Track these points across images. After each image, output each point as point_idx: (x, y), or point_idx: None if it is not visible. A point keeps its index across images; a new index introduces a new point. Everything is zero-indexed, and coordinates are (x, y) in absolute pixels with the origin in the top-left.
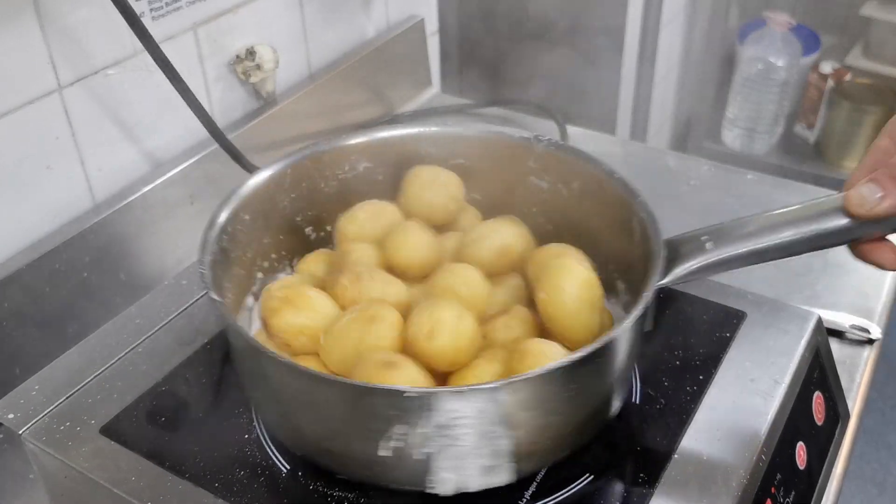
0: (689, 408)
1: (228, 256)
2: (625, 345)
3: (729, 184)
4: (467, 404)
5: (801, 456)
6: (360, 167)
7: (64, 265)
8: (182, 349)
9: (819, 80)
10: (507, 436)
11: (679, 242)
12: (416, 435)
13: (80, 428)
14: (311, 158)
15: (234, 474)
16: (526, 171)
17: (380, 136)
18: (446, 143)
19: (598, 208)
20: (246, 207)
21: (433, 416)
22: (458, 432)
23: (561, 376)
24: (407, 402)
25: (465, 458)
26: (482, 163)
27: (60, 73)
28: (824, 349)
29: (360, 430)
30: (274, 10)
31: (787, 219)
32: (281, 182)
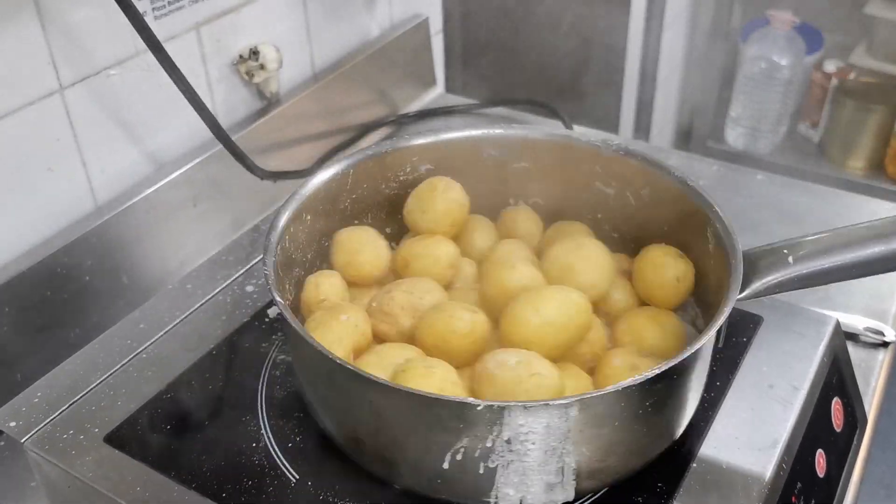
0: (708, 415)
1: (290, 258)
2: (697, 363)
3: (738, 184)
4: (535, 419)
5: (820, 463)
6: (422, 169)
7: (65, 268)
8: (187, 355)
9: (822, 79)
10: (573, 453)
11: (757, 255)
12: (480, 448)
13: (83, 436)
14: (374, 159)
15: (242, 483)
16: (592, 176)
17: (442, 139)
18: (510, 146)
19: (667, 217)
20: (307, 208)
21: (499, 429)
22: (523, 447)
23: (634, 394)
24: (473, 415)
25: (528, 473)
26: (547, 166)
27: (62, 73)
28: (842, 354)
29: (423, 440)
30: (277, 9)
31: (872, 234)
32: (343, 183)
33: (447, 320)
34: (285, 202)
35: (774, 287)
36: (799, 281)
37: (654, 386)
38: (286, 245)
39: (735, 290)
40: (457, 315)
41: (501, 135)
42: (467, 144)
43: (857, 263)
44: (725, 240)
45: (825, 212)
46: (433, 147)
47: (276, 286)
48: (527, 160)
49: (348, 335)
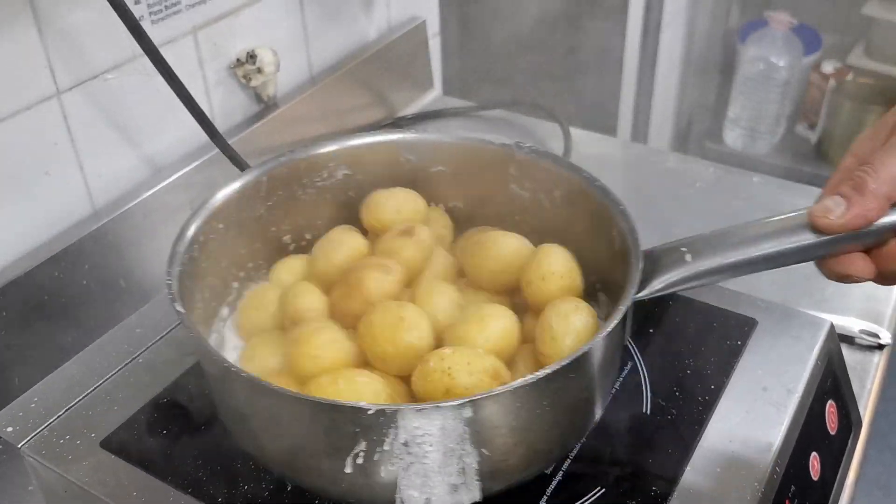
0: (702, 418)
1: (199, 266)
2: (597, 360)
3: (735, 186)
4: (430, 421)
5: (814, 467)
6: (339, 174)
7: (63, 273)
8: (184, 360)
9: (821, 80)
10: (473, 454)
11: (659, 254)
12: (378, 452)
13: (80, 441)
14: (288, 166)
15: (238, 489)
16: (507, 179)
17: (357, 143)
18: (426, 151)
19: (579, 217)
20: (218, 216)
21: (395, 433)
22: (421, 450)
23: (528, 393)
24: (367, 419)
25: (429, 476)
26: (463, 170)
27: (59, 77)
28: (837, 357)
29: (325, 446)
30: (274, 12)
31: (766, 231)
32: (256, 190)
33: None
34: (195, 211)
35: (674, 284)
36: (696, 278)
37: (549, 384)
38: (195, 254)
39: (632, 289)
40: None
41: (416, 139)
42: (383, 149)
43: (751, 261)
44: (628, 238)
45: None
46: (348, 152)
47: (178, 296)
48: (443, 164)
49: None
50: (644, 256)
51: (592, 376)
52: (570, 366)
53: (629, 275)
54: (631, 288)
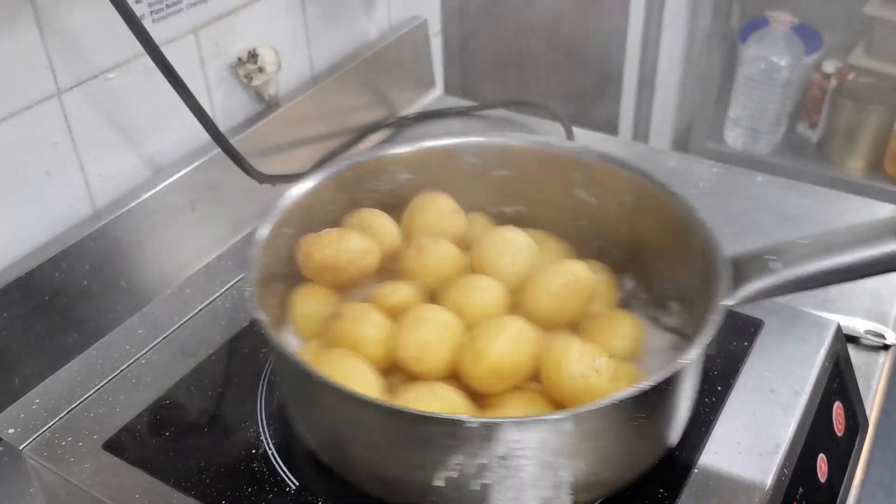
0: (709, 420)
1: (271, 272)
2: (690, 373)
3: (738, 186)
4: (529, 435)
5: (822, 468)
6: (402, 178)
7: (63, 273)
8: (186, 360)
9: (822, 80)
10: (568, 467)
11: (742, 262)
12: (474, 465)
13: (81, 443)
14: (352, 170)
15: (242, 490)
16: (573, 184)
17: (421, 147)
18: (489, 154)
19: (649, 224)
20: (287, 221)
21: (493, 446)
22: (517, 463)
23: (628, 407)
24: (467, 432)
25: (523, 489)
26: (527, 174)
27: (59, 77)
28: (843, 358)
29: (415, 458)
30: (275, 11)
31: (857, 238)
32: (322, 194)
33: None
34: (264, 215)
35: (762, 293)
36: (786, 286)
37: (647, 398)
38: (268, 260)
39: (722, 297)
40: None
41: (480, 143)
42: (446, 153)
43: (843, 268)
44: (710, 246)
45: (825, 213)
46: (412, 156)
47: (258, 303)
48: (507, 168)
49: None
50: (729, 264)
51: (684, 388)
52: (670, 379)
53: (715, 282)
54: (720, 296)
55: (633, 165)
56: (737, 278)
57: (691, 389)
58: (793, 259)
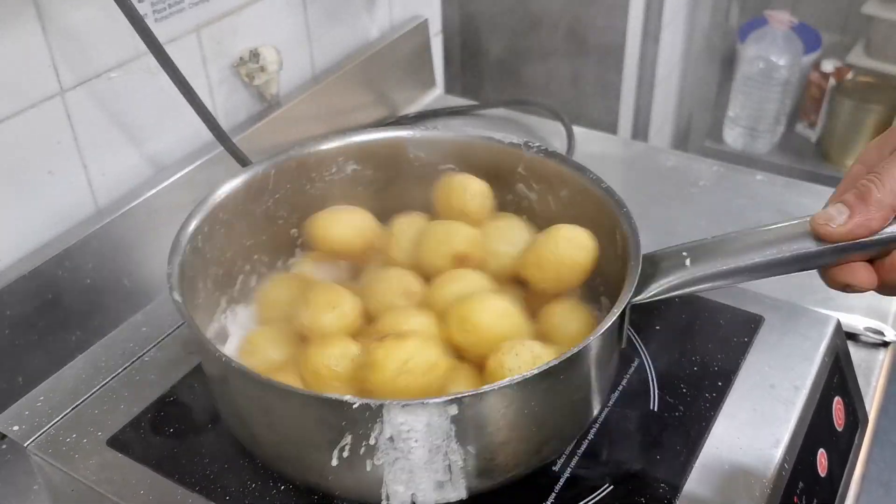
0: (709, 415)
1: (203, 257)
2: (589, 362)
3: (738, 185)
4: (416, 418)
5: (822, 463)
6: (348, 169)
7: (67, 272)
8: (190, 358)
9: (820, 79)
10: (459, 451)
11: (660, 258)
12: (364, 446)
13: (86, 440)
14: (296, 160)
15: (246, 486)
16: (515, 178)
17: (366, 139)
18: (435, 148)
19: (585, 219)
20: (224, 207)
21: (380, 427)
22: (406, 445)
23: (513, 393)
24: (351, 413)
25: (416, 472)
26: (471, 168)
27: (62, 76)
28: (843, 354)
29: (312, 438)
30: (277, 11)
31: (767, 238)
32: (264, 183)
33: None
34: (199, 202)
35: (671, 289)
36: (694, 283)
37: (537, 385)
38: (198, 244)
39: (628, 292)
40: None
41: (426, 136)
42: (392, 145)
43: (751, 267)
44: (630, 241)
45: None
46: (357, 147)
47: (177, 285)
48: (452, 162)
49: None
50: (644, 259)
51: (584, 378)
52: (559, 367)
53: (627, 277)
54: (627, 291)
55: (569, 159)
56: (651, 274)
57: (596, 380)
58: (704, 255)
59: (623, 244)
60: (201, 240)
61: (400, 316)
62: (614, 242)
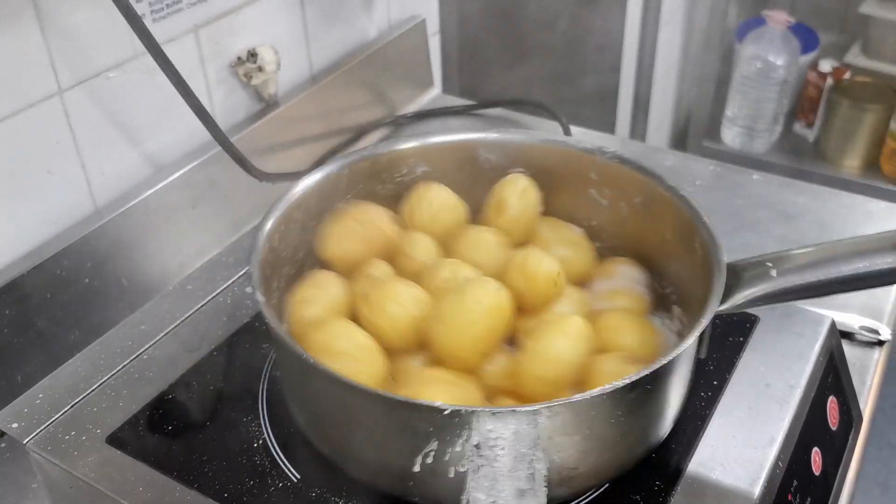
0: (705, 414)
1: (278, 256)
2: (674, 373)
3: (735, 184)
4: (504, 425)
5: (816, 462)
6: (419, 171)
7: (65, 271)
8: (188, 356)
9: (818, 79)
10: (544, 460)
11: (741, 267)
12: (449, 453)
13: (85, 437)
14: (369, 160)
15: (244, 483)
16: (587, 184)
17: (439, 141)
18: (506, 151)
19: (658, 226)
20: (299, 206)
21: (467, 434)
22: (492, 453)
23: (604, 403)
24: (440, 419)
25: (498, 479)
26: (543, 172)
27: (61, 76)
28: (838, 353)
29: (395, 443)
30: (275, 11)
31: (855, 250)
32: (336, 183)
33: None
34: (276, 201)
35: (757, 300)
36: (781, 295)
37: (626, 395)
38: (275, 244)
39: (715, 302)
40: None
41: (497, 139)
42: (464, 148)
43: (839, 280)
44: (711, 250)
45: (821, 211)
46: (429, 149)
47: (259, 284)
48: (523, 165)
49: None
50: (727, 269)
51: (668, 389)
52: (649, 377)
53: (712, 287)
54: (713, 300)
55: (645, 166)
56: (734, 284)
57: (676, 390)
58: (790, 268)
59: (703, 253)
60: (278, 238)
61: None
62: (692, 251)
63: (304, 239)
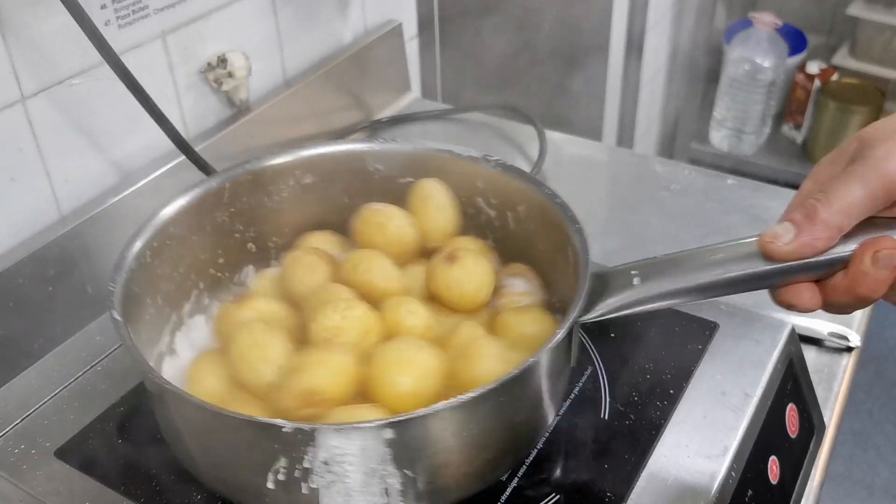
0: (659, 423)
1: (154, 272)
2: (532, 384)
3: (709, 188)
4: (349, 442)
5: (773, 470)
6: (305, 181)
7: (27, 280)
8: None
9: (806, 81)
10: (396, 475)
11: (609, 276)
12: (299, 469)
13: (34, 451)
14: (252, 173)
15: (192, 498)
16: (474, 192)
17: (323, 151)
18: (394, 161)
19: (541, 235)
20: (176, 222)
21: (314, 451)
22: (342, 469)
23: (452, 416)
24: (284, 436)
25: (353, 495)
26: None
27: (23, 83)
28: (798, 359)
29: (247, 461)
30: (246, 16)
31: (717, 258)
32: (219, 197)
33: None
34: (148, 217)
35: (619, 308)
36: (642, 302)
37: (475, 409)
38: (147, 261)
39: (575, 310)
40: None
41: (385, 149)
42: (351, 158)
43: (700, 287)
44: (580, 258)
45: None
46: (315, 161)
47: (119, 303)
48: (412, 175)
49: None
50: (593, 278)
51: (526, 400)
52: (498, 390)
53: (574, 296)
54: (573, 310)
55: (527, 175)
56: (600, 292)
57: (534, 404)
58: (654, 274)
59: (574, 261)
60: (150, 255)
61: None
62: (567, 259)
63: (184, 254)
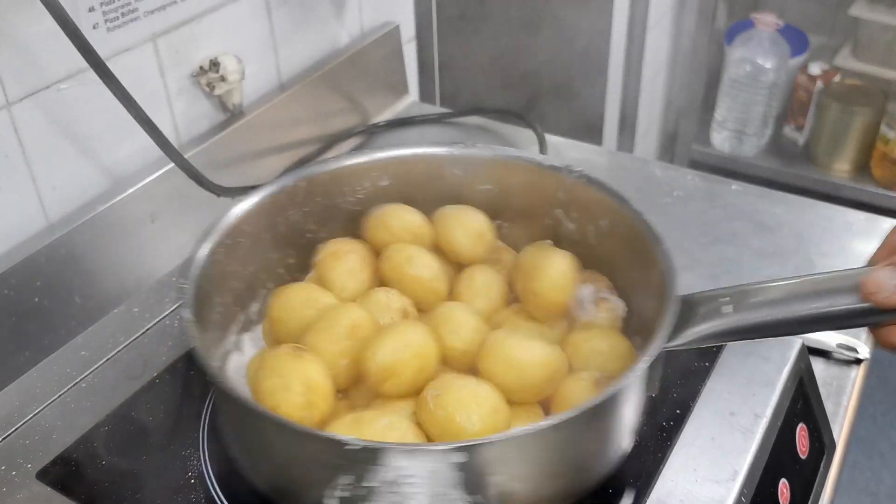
0: (666, 445)
1: (224, 269)
2: (611, 413)
3: (713, 194)
4: (417, 463)
5: (783, 493)
6: (381, 184)
7: (13, 290)
8: (129, 384)
9: (808, 82)
10: (464, 500)
11: (697, 301)
12: (363, 488)
13: (14, 472)
14: (329, 173)
15: None
16: (553, 202)
17: (401, 154)
18: (473, 167)
19: (621, 250)
20: (248, 220)
21: (380, 471)
22: (408, 490)
23: (528, 443)
24: (351, 454)
25: None
26: (508, 189)
27: (8, 89)
28: (808, 377)
29: (307, 475)
30: (240, 18)
31: (816, 289)
32: (292, 196)
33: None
34: (223, 213)
35: (709, 338)
36: (735, 333)
37: (552, 436)
38: (219, 258)
39: (662, 337)
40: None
41: (464, 154)
42: (429, 162)
43: (799, 320)
44: (667, 281)
45: (799, 223)
46: (393, 163)
47: (192, 301)
48: (489, 182)
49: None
50: (680, 302)
51: (605, 429)
52: (577, 418)
53: (661, 321)
54: (660, 336)
55: (611, 188)
56: (687, 318)
57: (617, 430)
58: (747, 304)
59: (659, 284)
60: (222, 253)
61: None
62: (651, 280)
63: (254, 253)
